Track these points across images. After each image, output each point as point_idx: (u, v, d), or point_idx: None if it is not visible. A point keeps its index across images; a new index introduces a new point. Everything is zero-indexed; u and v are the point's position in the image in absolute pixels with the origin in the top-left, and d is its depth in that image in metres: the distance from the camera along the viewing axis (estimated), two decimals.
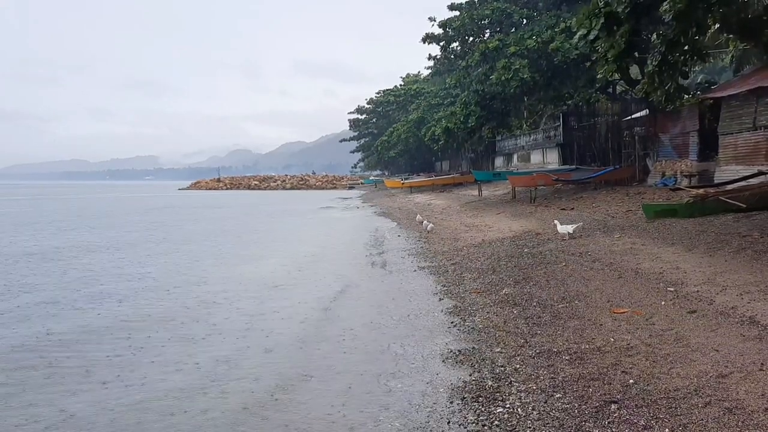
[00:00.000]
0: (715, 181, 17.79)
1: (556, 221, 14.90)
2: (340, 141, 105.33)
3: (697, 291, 7.86)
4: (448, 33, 31.80)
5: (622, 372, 5.34)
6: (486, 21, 29.94)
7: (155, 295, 10.93)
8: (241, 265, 14.75)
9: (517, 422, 4.65)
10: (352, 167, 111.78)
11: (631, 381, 5.13)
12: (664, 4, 11.46)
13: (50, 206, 47.07)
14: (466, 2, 31.96)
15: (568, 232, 13.63)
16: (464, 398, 5.26)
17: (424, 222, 20.07)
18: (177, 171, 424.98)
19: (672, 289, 8.07)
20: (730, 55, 24.89)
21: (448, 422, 4.86)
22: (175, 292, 11.21)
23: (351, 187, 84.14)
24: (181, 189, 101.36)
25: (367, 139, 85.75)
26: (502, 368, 5.84)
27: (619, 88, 29.06)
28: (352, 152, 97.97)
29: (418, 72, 79.85)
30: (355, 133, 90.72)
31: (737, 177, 16.18)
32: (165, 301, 10.35)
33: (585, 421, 4.52)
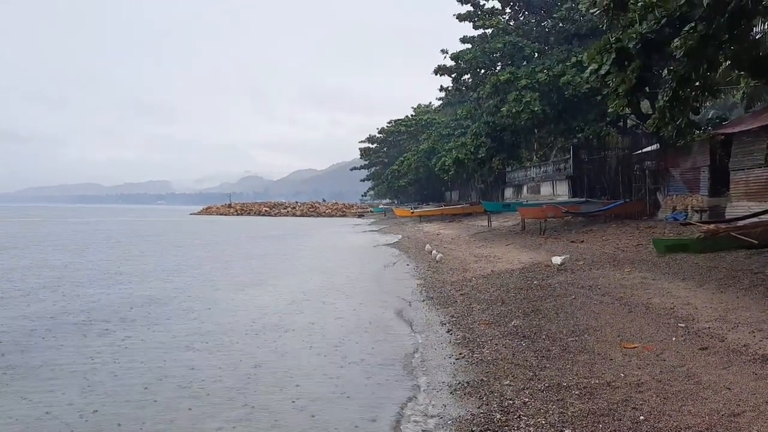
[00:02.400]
0: (727, 217, 17.70)
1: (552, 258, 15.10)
2: (351, 169, 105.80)
3: (709, 327, 7.78)
4: (460, 65, 32.18)
5: (633, 408, 5.28)
6: (498, 54, 30.27)
7: None
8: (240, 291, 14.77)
9: None
10: (362, 195, 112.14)
11: (641, 418, 5.06)
12: (676, 40, 11.57)
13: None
14: (478, 36, 32.38)
15: (557, 264, 13.75)
16: (472, 431, 5.21)
17: (433, 252, 20.05)
18: (188, 196, 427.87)
19: (683, 325, 7.99)
20: (741, 92, 24.93)
21: None
22: None
23: (360, 215, 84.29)
24: (193, 214, 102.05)
25: (378, 167, 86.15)
26: (511, 401, 5.78)
27: (629, 122, 29.14)
28: (363, 180, 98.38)
29: (430, 103, 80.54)
30: (366, 162, 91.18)
31: (749, 213, 16.09)
32: None
33: None
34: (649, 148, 26.44)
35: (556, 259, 14.10)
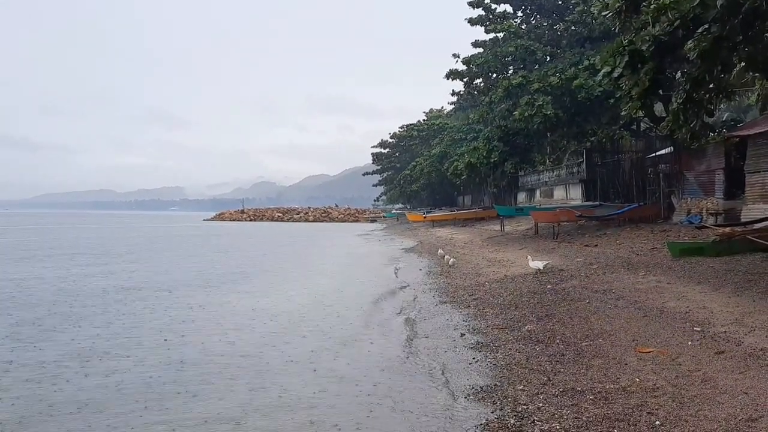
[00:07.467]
0: (742, 220, 17.53)
1: (528, 256, 15.05)
2: (363, 174, 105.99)
3: (725, 331, 7.71)
4: (472, 69, 32.18)
5: (648, 413, 5.24)
6: (509, 58, 30.25)
7: None
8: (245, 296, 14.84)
9: None
10: (375, 200, 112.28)
11: (657, 423, 5.03)
12: (689, 43, 11.51)
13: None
14: (490, 40, 32.40)
15: (539, 268, 13.70)
16: None
17: (446, 256, 20.02)
18: (201, 202, 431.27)
19: (698, 329, 7.92)
20: (756, 94, 24.68)
21: None
22: None
23: (373, 221, 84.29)
24: (206, 220, 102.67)
25: (390, 172, 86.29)
26: (525, 406, 5.76)
27: (643, 125, 28.95)
28: (375, 185, 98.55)
29: (442, 107, 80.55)
30: (378, 167, 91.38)
31: (765, 216, 15.93)
32: None
33: None
34: (663, 151, 26.24)
35: (537, 263, 14.02)
